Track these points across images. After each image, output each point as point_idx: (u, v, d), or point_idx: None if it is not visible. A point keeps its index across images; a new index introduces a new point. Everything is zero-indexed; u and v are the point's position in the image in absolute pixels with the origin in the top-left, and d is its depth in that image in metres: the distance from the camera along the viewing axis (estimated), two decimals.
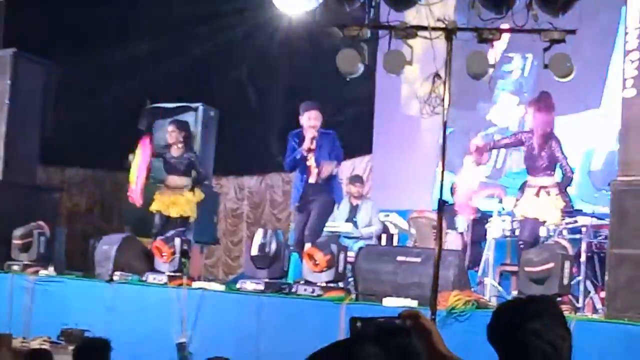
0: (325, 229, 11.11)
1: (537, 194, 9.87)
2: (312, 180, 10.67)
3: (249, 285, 9.82)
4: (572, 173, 10.04)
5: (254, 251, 10.14)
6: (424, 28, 8.12)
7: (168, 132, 11.91)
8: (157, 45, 16.20)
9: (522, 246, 9.67)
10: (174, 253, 10.55)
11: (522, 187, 10.21)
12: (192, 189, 11.84)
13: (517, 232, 10.17)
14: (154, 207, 11.73)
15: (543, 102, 9.97)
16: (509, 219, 10.31)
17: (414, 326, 2.91)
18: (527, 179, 10.14)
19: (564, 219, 9.79)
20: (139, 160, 11.72)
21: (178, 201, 11.70)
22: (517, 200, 10.20)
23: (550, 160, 9.90)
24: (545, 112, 9.91)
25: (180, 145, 11.86)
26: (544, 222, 9.75)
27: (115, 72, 16.04)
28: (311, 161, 10.64)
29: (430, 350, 2.93)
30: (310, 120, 10.58)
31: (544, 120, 9.90)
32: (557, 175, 10.01)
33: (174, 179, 11.84)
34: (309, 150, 10.55)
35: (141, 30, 16.08)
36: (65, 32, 15.42)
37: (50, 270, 11.38)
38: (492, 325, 3.05)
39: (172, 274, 10.40)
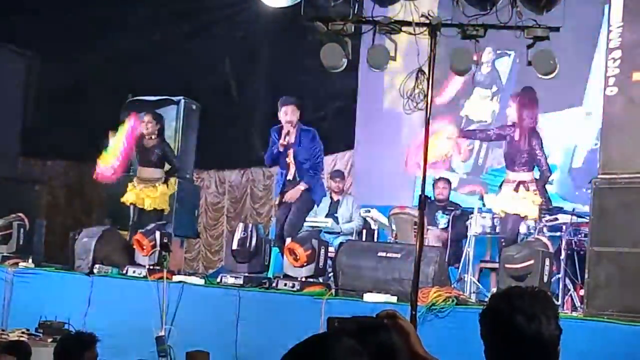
0: (306, 224, 11.10)
1: (516, 189, 9.88)
2: (290, 176, 10.69)
3: (229, 279, 9.80)
4: (550, 172, 10.06)
5: (235, 245, 10.14)
6: (408, 23, 8.12)
7: (144, 123, 11.80)
8: (139, 39, 16.14)
9: (504, 244, 9.69)
10: (154, 246, 10.51)
11: (502, 184, 10.23)
12: (165, 181, 11.78)
13: (497, 229, 10.18)
14: (127, 199, 11.66)
15: (527, 96, 9.99)
16: (490, 215, 10.33)
17: (392, 326, 2.90)
18: (506, 174, 10.15)
19: (543, 216, 9.82)
20: (124, 135, 11.66)
21: (152, 193, 11.62)
22: (496, 196, 10.23)
23: (530, 156, 9.91)
24: (530, 106, 9.94)
25: (154, 137, 11.76)
26: (524, 217, 9.78)
27: (97, 64, 15.98)
28: (290, 157, 10.64)
29: (408, 350, 2.92)
30: (286, 115, 10.57)
31: (528, 114, 9.91)
32: (536, 172, 10.03)
33: (147, 171, 11.74)
34: (286, 145, 10.55)
35: (124, 24, 16.02)
36: (49, 26, 15.35)
37: (30, 262, 11.32)
38: (484, 312, 3.03)
39: (152, 267, 10.37)
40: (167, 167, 11.91)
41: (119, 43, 16.01)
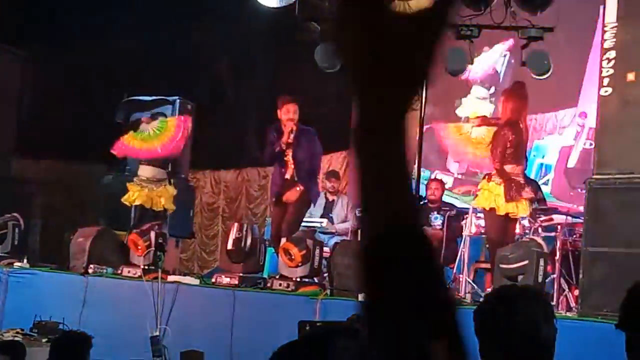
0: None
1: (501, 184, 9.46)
2: (288, 175, 10.62)
3: (224, 279, 9.80)
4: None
5: (230, 245, 10.14)
6: None
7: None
8: (135, 39, 16.13)
9: (487, 246, 9.59)
10: (149, 246, 10.50)
11: (486, 177, 9.78)
12: (170, 182, 11.76)
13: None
14: (134, 200, 11.56)
15: (515, 91, 9.63)
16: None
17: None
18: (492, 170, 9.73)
19: (538, 217, 9.78)
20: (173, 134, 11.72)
21: (162, 194, 11.54)
22: (478, 190, 9.81)
23: (516, 151, 9.46)
24: (516, 100, 9.50)
25: None
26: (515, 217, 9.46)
27: (93, 64, 15.97)
28: (289, 156, 10.59)
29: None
30: (288, 113, 10.51)
31: (514, 108, 9.48)
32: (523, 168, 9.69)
33: (148, 170, 11.66)
34: (288, 144, 10.50)
35: (120, 24, 16.01)
36: (44, 26, 15.35)
37: (24, 262, 11.32)
38: (479, 309, 3.02)
39: (147, 267, 10.36)
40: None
41: (114, 43, 16.00)
